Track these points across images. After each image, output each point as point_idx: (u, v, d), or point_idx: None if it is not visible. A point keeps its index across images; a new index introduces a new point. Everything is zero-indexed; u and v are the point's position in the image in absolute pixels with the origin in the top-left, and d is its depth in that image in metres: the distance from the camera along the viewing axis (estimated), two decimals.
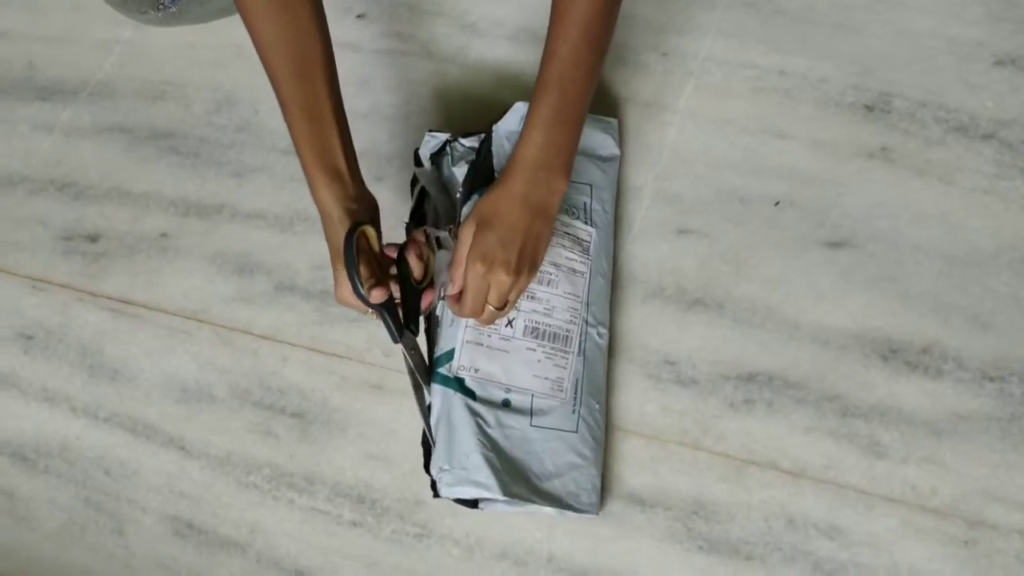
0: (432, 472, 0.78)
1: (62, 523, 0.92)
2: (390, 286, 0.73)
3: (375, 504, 0.86)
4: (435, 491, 0.78)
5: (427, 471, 0.79)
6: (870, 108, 0.88)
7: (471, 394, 0.77)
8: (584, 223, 0.83)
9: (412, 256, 0.75)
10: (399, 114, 0.97)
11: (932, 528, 0.77)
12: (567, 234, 0.81)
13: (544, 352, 0.79)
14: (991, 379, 0.79)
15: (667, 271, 0.87)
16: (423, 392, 0.78)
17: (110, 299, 0.97)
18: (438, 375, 0.78)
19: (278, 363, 0.91)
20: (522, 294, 0.78)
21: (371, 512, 0.86)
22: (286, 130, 0.74)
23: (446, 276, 0.76)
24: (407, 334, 0.75)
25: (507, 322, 0.79)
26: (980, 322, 0.81)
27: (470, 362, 0.78)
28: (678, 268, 0.86)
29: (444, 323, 0.80)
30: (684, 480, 0.81)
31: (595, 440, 0.79)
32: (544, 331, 0.79)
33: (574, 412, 0.79)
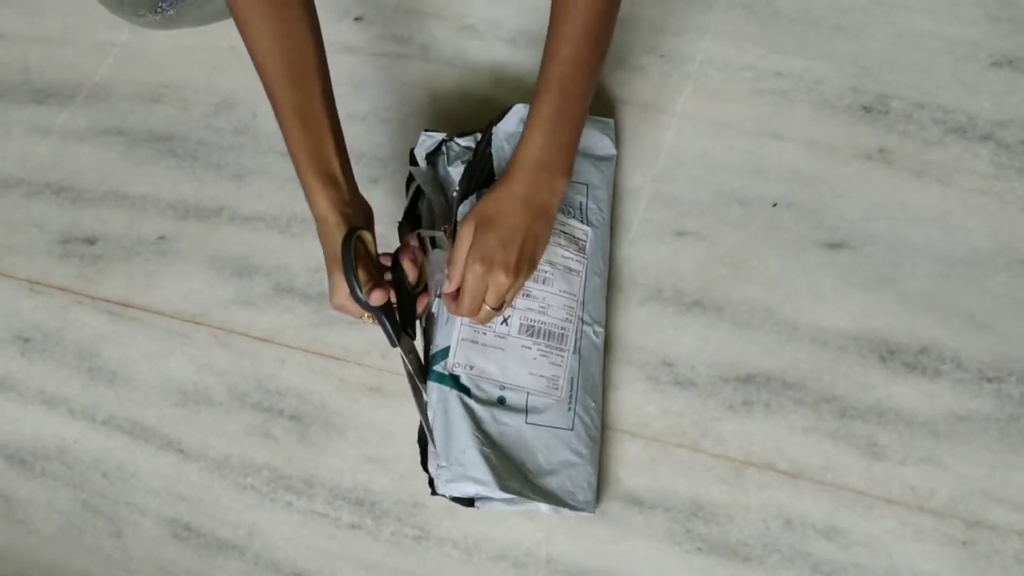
0: (430, 469, 0.78)
1: (60, 526, 0.92)
2: (388, 289, 0.73)
3: (374, 506, 0.86)
4: (433, 488, 0.78)
5: (424, 469, 0.80)
6: (868, 109, 0.88)
7: (466, 391, 0.77)
8: (580, 222, 0.83)
9: (406, 260, 0.75)
10: (397, 117, 0.97)
11: (930, 529, 0.77)
12: (563, 233, 0.82)
13: (539, 350, 0.79)
14: (989, 380, 0.79)
15: (665, 273, 0.87)
16: (422, 395, 0.78)
17: (108, 302, 0.97)
18: (433, 372, 0.78)
19: (276, 365, 0.91)
20: (519, 294, 0.78)
21: (370, 514, 0.86)
22: None
23: (441, 275, 0.76)
24: (404, 338, 0.75)
25: (503, 320, 0.79)
26: (978, 323, 0.81)
27: (465, 359, 0.78)
28: (676, 270, 0.86)
29: (440, 320, 0.80)
30: (683, 481, 0.81)
31: (591, 438, 0.79)
32: (540, 329, 0.79)
33: (570, 410, 0.79)
